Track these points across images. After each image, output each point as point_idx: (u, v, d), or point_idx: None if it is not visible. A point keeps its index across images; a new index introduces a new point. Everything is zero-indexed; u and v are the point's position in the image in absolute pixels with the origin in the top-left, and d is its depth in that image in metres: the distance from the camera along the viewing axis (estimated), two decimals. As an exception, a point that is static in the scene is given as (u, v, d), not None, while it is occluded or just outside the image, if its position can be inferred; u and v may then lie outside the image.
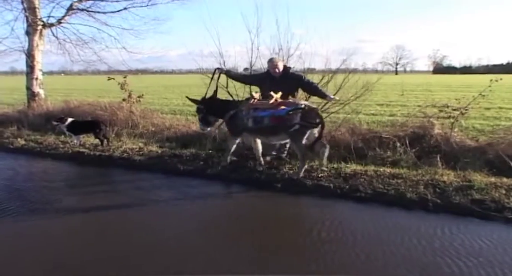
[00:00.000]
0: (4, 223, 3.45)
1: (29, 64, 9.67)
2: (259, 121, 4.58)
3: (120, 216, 3.69)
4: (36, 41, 9.62)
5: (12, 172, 5.27)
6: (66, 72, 13.98)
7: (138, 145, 6.22)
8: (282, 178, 4.53)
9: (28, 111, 9.21)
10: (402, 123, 6.21)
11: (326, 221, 3.42)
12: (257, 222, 3.49)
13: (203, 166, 5.10)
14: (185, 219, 3.61)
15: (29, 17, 9.28)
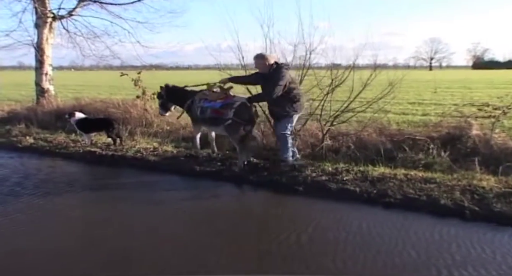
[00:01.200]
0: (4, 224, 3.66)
1: (38, 59, 9.98)
2: (204, 111, 5.32)
3: (129, 217, 3.86)
4: (46, 34, 9.91)
5: (19, 171, 5.52)
6: (76, 67, 14.42)
7: (153, 145, 6.41)
8: (304, 181, 4.61)
9: (37, 108, 9.49)
10: (436, 123, 6.19)
11: (352, 228, 3.47)
12: (276, 228, 3.57)
13: (220, 168, 5.24)
14: (197, 222, 3.75)
15: (38, 8, 9.54)
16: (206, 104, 5.33)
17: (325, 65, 5.96)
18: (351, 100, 5.66)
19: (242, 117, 5.07)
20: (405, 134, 5.69)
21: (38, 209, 4.03)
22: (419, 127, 6.34)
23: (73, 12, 10.31)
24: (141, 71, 6.93)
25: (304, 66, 5.74)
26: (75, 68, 13.26)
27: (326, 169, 4.86)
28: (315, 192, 4.36)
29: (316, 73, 5.73)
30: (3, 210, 3.94)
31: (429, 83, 21.76)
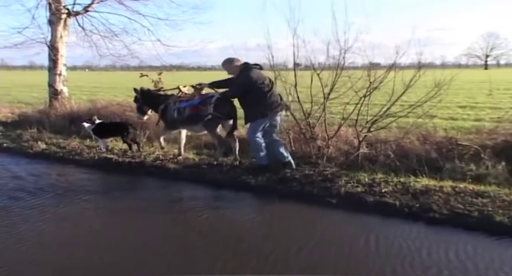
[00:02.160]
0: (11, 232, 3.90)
1: (52, 58, 10.41)
2: (182, 112, 5.88)
3: (145, 229, 4.01)
4: (60, 31, 10.34)
5: (29, 178, 5.78)
6: (91, 67, 14.93)
7: (173, 152, 6.61)
8: (337, 192, 4.68)
9: (50, 111, 9.88)
10: (491, 129, 6.11)
11: (393, 246, 3.49)
12: (305, 244, 3.62)
13: (246, 177, 5.36)
14: (219, 234, 3.85)
15: (52, 4, 9.97)
16: (183, 104, 5.92)
17: (362, 65, 6.02)
18: (391, 103, 5.69)
19: (221, 111, 5.68)
20: (453, 141, 5.67)
21: (45, 220, 4.23)
22: (470, 134, 6.27)
23: (89, 8, 10.72)
24: (162, 71, 7.16)
25: (338, 67, 5.81)
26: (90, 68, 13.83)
27: (362, 179, 4.91)
28: (349, 205, 4.42)
29: (351, 74, 5.78)
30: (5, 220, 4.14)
31: (484, 84, 21.22)
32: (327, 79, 5.82)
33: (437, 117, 8.00)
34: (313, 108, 5.99)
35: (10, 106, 12.16)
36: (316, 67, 5.99)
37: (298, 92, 5.97)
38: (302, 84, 5.98)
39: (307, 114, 5.98)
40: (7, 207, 4.58)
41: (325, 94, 5.86)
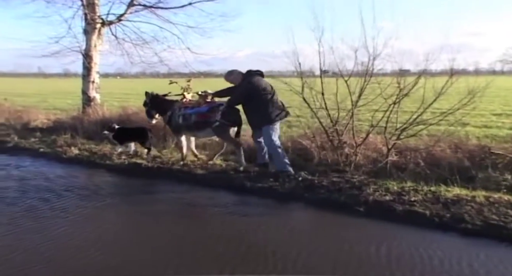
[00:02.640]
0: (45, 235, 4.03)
1: (86, 66, 10.74)
2: (187, 118, 6.17)
3: (171, 233, 4.08)
4: (94, 40, 10.69)
5: (60, 181, 5.98)
6: (122, 74, 15.36)
7: (200, 158, 6.69)
8: (365, 200, 4.62)
9: (83, 118, 10.16)
10: (527, 138, 5.91)
11: (424, 258, 3.40)
12: (330, 252, 3.60)
13: (273, 184, 5.37)
14: (244, 242, 3.84)
15: (88, 14, 10.32)
16: (189, 111, 6.21)
17: (391, 72, 5.95)
18: (421, 111, 5.59)
19: (228, 119, 5.93)
20: (487, 150, 5.51)
21: (78, 223, 4.36)
22: (505, 142, 6.09)
23: (122, 17, 11.03)
24: (191, 78, 7.28)
25: (367, 73, 5.76)
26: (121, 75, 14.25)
27: (390, 188, 4.85)
28: (378, 213, 4.36)
29: (380, 81, 5.72)
30: (41, 225, 4.26)
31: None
32: (355, 86, 5.78)
33: (470, 125, 7.81)
34: (341, 115, 5.95)
35: (46, 113, 12.56)
36: (344, 73, 5.95)
37: (326, 99, 5.94)
38: (329, 91, 5.95)
39: (334, 121, 5.94)
40: (36, 207, 4.80)
41: (353, 101, 5.81)
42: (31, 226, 4.20)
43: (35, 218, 4.43)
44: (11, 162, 7.23)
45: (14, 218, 4.43)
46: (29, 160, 7.42)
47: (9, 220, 4.36)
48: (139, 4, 10.99)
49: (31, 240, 3.83)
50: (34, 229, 4.13)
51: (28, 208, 4.79)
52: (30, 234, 3.98)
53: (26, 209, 4.75)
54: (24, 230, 4.09)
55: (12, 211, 4.67)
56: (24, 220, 4.37)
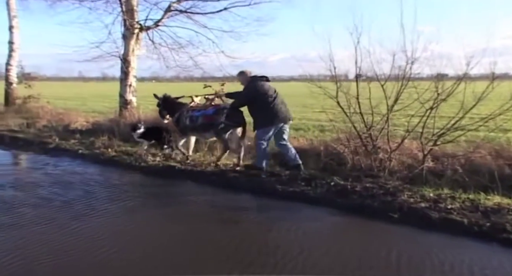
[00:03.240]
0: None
1: (124, 70, 11.09)
2: (194, 120, 6.56)
3: (199, 236, 4.10)
4: (132, 45, 11.03)
5: (95, 181, 6.21)
6: (157, 78, 15.69)
7: (233, 161, 6.76)
8: (400, 207, 4.53)
9: (120, 120, 10.44)
10: None
11: (463, 269, 3.30)
12: (363, 259, 3.54)
13: (305, 188, 5.36)
14: (272, 247, 3.83)
15: (127, 20, 10.69)
16: (196, 113, 6.62)
17: (427, 76, 5.82)
18: (461, 116, 5.43)
19: (232, 120, 6.30)
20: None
21: (111, 224, 4.47)
22: (551, 150, 5.82)
23: (160, 23, 11.34)
24: (225, 82, 7.38)
25: (404, 77, 5.66)
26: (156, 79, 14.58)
27: (426, 195, 4.73)
28: (412, 220, 4.27)
29: (417, 85, 5.59)
30: (80, 225, 4.38)
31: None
32: (391, 90, 5.69)
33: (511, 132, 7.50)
34: (375, 120, 5.86)
35: (85, 115, 12.97)
36: (379, 77, 5.87)
37: (360, 103, 5.88)
38: (363, 95, 5.88)
39: (368, 126, 5.86)
40: (69, 202, 5.10)
41: (388, 105, 5.72)
42: (55, 223, 4.38)
43: (66, 215, 4.62)
44: (50, 162, 7.54)
45: (41, 213, 4.66)
46: (67, 160, 7.69)
47: (37, 215, 4.60)
48: (176, 10, 11.25)
49: (58, 236, 4.00)
50: (58, 225, 4.30)
51: (60, 204, 5.02)
52: (54, 229, 4.18)
53: (55, 205, 4.97)
54: (49, 226, 4.28)
55: (40, 207, 4.93)
56: (53, 215, 4.60)
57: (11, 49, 14.16)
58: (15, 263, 3.37)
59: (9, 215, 4.57)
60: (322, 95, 6.07)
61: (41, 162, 7.56)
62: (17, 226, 4.25)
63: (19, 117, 12.26)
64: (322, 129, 9.23)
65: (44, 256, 3.53)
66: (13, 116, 12.39)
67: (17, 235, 3.99)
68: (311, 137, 8.22)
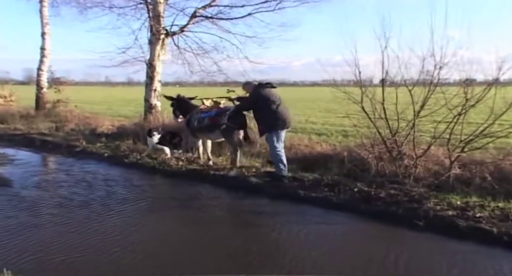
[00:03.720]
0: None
1: (149, 75, 11.26)
2: (201, 121, 7.01)
3: (221, 239, 4.11)
4: (158, 50, 11.19)
5: (117, 184, 6.33)
6: (181, 83, 15.82)
7: (255, 165, 6.76)
8: (425, 214, 4.43)
9: (144, 124, 10.57)
10: None
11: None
12: (387, 268, 3.47)
13: (328, 194, 5.30)
14: (294, 253, 3.80)
15: (153, 25, 10.87)
16: (203, 115, 7.07)
17: (454, 81, 5.68)
18: (490, 122, 5.28)
19: (234, 122, 6.58)
20: None
21: (126, 224, 4.54)
22: None
23: (185, 28, 11.49)
24: (248, 87, 7.40)
25: (431, 83, 5.54)
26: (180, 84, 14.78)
27: (453, 202, 4.61)
28: (438, 229, 4.17)
29: (445, 91, 5.47)
30: (96, 225, 4.49)
31: None
32: (418, 96, 5.58)
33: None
34: (400, 126, 5.76)
35: (111, 119, 13.22)
36: (406, 82, 5.77)
37: (385, 108, 5.79)
38: (388, 101, 5.79)
39: (394, 131, 5.76)
40: (88, 202, 5.28)
41: (415, 111, 5.61)
42: (73, 222, 4.52)
43: (80, 213, 4.80)
44: (76, 164, 7.75)
45: (61, 213, 4.83)
46: (93, 163, 7.86)
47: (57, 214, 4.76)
48: (201, 15, 11.37)
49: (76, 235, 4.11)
50: (75, 224, 4.43)
51: (80, 203, 5.20)
52: (71, 228, 4.32)
53: (75, 205, 5.14)
54: (68, 224, 4.44)
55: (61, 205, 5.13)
56: (72, 214, 4.78)
57: (42, 55, 14.58)
58: (30, 261, 3.50)
59: (31, 215, 4.75)
60: (346, 100, 6.01)
61: (67, 164, 7.77)
62: (33, 225, 4.41)
63: (49, 120, 12.60)
64: (346, 134, 9.13)
65: (58, 253, 3.65)
66: (43, 120, 12.74)
67: (34, 234, 4.13)
68: (334, 142, 8.15)
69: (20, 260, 3.49)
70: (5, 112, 13.96)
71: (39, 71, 14.61)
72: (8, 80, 20.71)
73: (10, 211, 4.89)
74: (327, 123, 13.06)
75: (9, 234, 4.12)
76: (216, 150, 7.78)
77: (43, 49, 14.53)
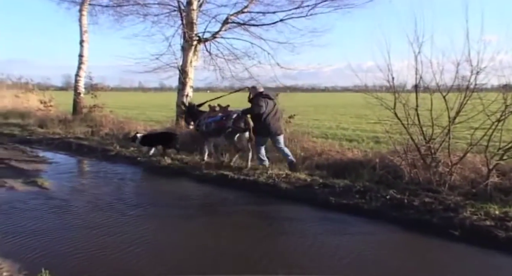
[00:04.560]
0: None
1: (181, 81, 11.46)
2: (208, 125, 7.54)
3: (247, 246, 4.10)
4: (190, 56, 11.40)
5: (147, 187, 6.56)
6: (212, 88, 15.98)
7: (285, 171, 6.71)
8: (461, 223, 4.28)
9: (176, 129, 10.73)
10: None
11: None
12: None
13: (359, 201, 5.21)
14: (323, 262, 3.74)
15: (186, 32, 11.09)
16: (210, 119, 7.56)
17: (492, 87, 5.48)
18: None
19: (238, 125, 7.10)
20: None
21: (145, 228, 4.58)
22: None
23: (217, 35, 11.63)
24: (279, 93, 7.42)
25: (468, 88, 5.36)
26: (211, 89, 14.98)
27: (491, 212, 4.43)
28: (475, 239, 4.02)
29: (483, 96, 5.27)
30: (117, 227, 4.56)
31: None
32: (453, 102, 5.41)
33: None
34: (435, 132, 5.59)
35: (144, 124, 13.45)
36: (441, 88, 5.61)
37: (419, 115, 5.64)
38: (422, 107, 5.64)
39: (428, 138, 5.61)
40: (113, 205, 5.39)
41: (450, 117, 5.44)
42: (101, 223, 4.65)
43: (109, 215, 4.93)
44: (109, 168, 7.97)
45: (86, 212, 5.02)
46: (126, 167, 8.06)
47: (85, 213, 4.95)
48: (233, 22, 11.48)
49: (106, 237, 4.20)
50: (103, 224, 4.58)
51: (104, 207, 5.33)
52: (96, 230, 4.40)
53: (99, 208, 5.26)
54: (98, 226, 4.54)
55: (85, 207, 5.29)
56: (95, 215, 4.94)
57: (80, 62, 15.04)
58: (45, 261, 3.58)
59: (62, 215, 4.94)
60: (378, 106, 5.90)
61: (100, 168, 8.03)
62: (65, 226, 4.55)
63: (85, 125, 12.94)
64: (377, 141, 8.95)
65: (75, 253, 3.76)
66: (79, 124, 13.10)
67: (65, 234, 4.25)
68: (365, 148, 8.01)
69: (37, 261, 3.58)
70: (45, 117, 14.44)
71: (77, 77, 15.07)
72: (48, 86, 21.44)
73: (44, 212, 5.06)
74: (358, 129, 12.87)
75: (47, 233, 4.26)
76: (245, 156, 7.79)
77: (81, 56, 14.99)
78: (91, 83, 15.26)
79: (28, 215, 4.90)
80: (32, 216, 4.86)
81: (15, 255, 3.66)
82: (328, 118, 16.92)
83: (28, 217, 4.81)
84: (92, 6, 14.44)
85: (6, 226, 4.46)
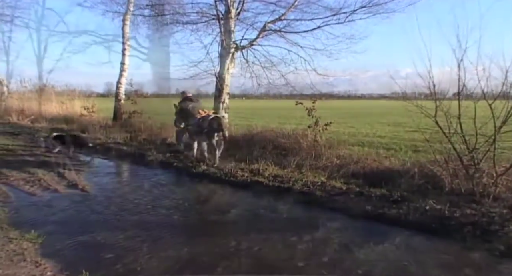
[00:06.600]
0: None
1: (218, 88, 11.54)
2: (193, 126, 8.54)
3: (276, 253, 4.03)
4: (228, 64, 11.48)
5: (186, 193, 6.55)
6: (247, 95, 16.17)
7: (320, 179, 6.60)
8: (507, 239, 4.02)
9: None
10: None
11: None
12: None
13: (396, 211, 5.03)
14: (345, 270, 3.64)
15: (224, 40, 11.20)
16: (192, 121, 8.61)
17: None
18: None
19: (212, 127, 8.05)
20: None
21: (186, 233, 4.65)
22: None
23: (254, 42, 11.69)
24: (315, 100, 7.33)
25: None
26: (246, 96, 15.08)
27: (541, 227, 4.14)
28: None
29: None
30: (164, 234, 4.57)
31: None
32: (500, 110, 5.16)
33: None
34: (478, 142, 5.34)
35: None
36: (487, 96, 5.37)
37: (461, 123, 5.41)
38: (464, 115, 5.41)
39: (471, 147, 5.35)
40: (139, 210, 5.47)
41: (496, 126, 5.18)
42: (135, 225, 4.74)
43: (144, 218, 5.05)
44: (146, 173, 8.12)
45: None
46: (160, 172, 8.19)
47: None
48: (270, 29, 11.50)
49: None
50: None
51: (145, 209, 5.47)
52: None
53: (140, 210, 5.41)
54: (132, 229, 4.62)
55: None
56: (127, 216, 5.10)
57: (122, 69, 15.53)
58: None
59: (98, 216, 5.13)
60: (417, 114, 5.70)
61: (138, 172, 8.24)
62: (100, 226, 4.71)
63: (124, 130, 13.25)
64: (416, 149, 8.66)
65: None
66: (119, 130, 13.43)
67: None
68: (403, 157, 7.76)
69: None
70: (87, 123, 14.92)
71: (118, 84, 15.54)
72: (90, 93, 22.21)
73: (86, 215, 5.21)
74: (396, 137, 12.52)
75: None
76: (280, 162, 7.73)
77: (123, 64, 15.46)
78: (131, 89, 15.70)
79: (70, 219, 5.05)
80: (74, 219, 5.01)
81: (58, 257, 3.76)
82: (365, 125, 16.58)
83: (70, 221, 4.97)
84: (135, 16, 14.90)
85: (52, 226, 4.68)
